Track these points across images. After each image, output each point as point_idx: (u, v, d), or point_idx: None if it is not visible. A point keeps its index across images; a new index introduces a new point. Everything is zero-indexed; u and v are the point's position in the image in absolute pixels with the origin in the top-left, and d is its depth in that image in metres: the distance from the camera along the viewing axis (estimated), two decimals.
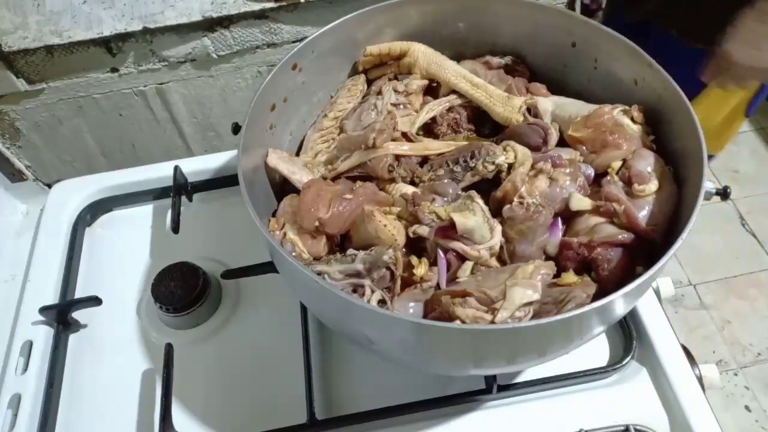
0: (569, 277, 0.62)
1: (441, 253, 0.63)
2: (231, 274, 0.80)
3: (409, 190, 0.70)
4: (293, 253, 0.66)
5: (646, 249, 0.63)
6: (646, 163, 0.66)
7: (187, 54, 1.23)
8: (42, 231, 0.91)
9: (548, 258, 0.65)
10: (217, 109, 1.36)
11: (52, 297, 0.83)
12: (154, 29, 1.16)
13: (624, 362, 0.73)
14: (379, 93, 0.79)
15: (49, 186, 0.98)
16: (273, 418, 0.71)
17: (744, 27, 0.84)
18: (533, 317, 0.57)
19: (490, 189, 0.68)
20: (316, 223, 0.66)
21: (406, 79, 0.80)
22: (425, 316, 0.60)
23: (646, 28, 1.09)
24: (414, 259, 0.63)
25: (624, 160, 0.68)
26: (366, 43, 0.81)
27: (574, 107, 0.75)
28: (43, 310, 0.80)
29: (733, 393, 1.59)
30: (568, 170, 0.67)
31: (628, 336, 0.75)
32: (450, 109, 0.78)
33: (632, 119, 0.70)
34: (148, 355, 0.79)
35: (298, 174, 0.72)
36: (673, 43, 1.03)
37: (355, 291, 0.61)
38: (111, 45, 1.19)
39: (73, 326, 0.82)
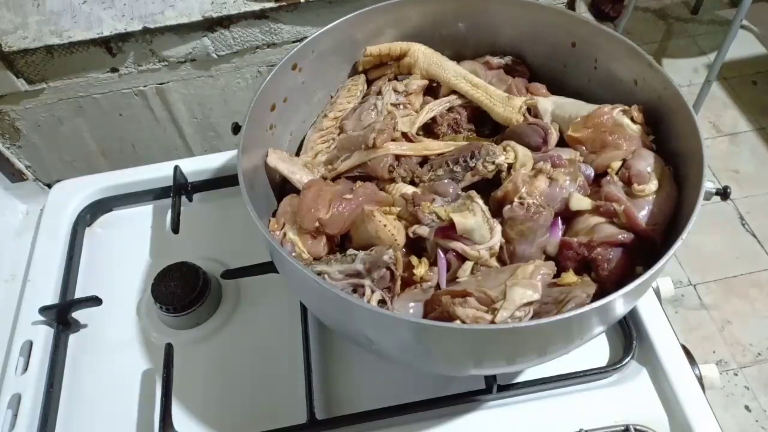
0: (569, 277, 0.62)
1: (441, 253, 0.63)
2: (231, 274, 0.80)
3: (409, 190, 0.70)
4: (293, 253, 0.66)
5: (646, 249, 0.63)
6: (646, 163, 0.66)
7: (187, 54, 1.23)
8: (42, 231, 0.91)
9: (548, 258, 0.65)
10: (217, 109, 1.36)
11: (52, 297, 0.83)
12: (154, 29, 1.17)
13: (624, 362, 0.73)
14: (379, 93, 0.79)
15: (49, 186, 0.98)
16: (273, 418, 0.71)
17: None
18: (533, 317, 0.57)
19: (490, 189, 0.68)
20: (316, 224, 0.66)
21: (406, 79, 0.80)
22: (425, 316, 0.60)
23: None
24: (414, 259, 0.63)
25: (624, 160, 0.68)
26: (366, 43, 0.81)
27: (574, 107, 0.75)
28: (43, 310, 0.80)
29: (733, 393, 1.59)
30: (567, 170, 0.67)
31: (628, 336, 0.75)
32: (450, 109, 0.78)
33: (632, 119, 0.70)
34: (148, 355, 0.79)
35: (298, 174, 0.72)
36: None
37: (355, 291, 0.61)
38: (111, 45, 1.19)
39: (73, 326, 0.82)
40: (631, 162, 0.67)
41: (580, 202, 0.66)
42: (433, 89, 0.82)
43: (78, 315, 0.82)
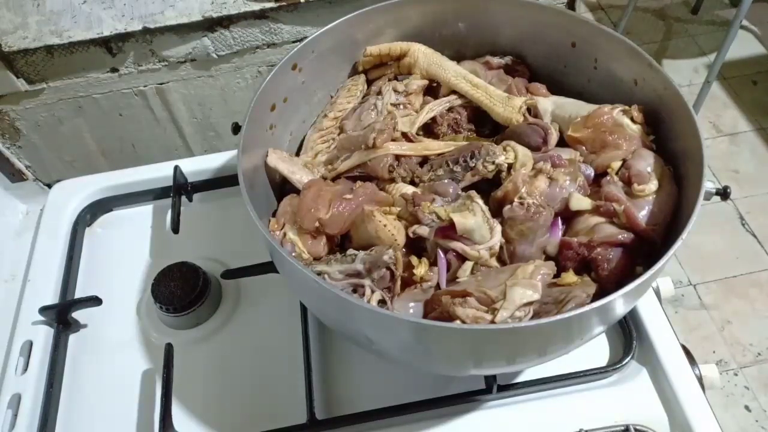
0: (569, 277, 0.62)
1: (441, 253, 0.63)
2: (231, 274, 0.80)
3: (409, 190, 0.70)
4: (293, 253, 0.66)
5: (646, 249, 0.63)
6: (646, 163, 0.66)
7: (187, 54, 1.23)
8: (42, 231, 0.91)
9: (548, 258, 0.65)
10: (217, 109, 1.36)
11: (52, 297, 0.83)
12: (154, 29, 1.16)
13: (624, 362, 0.73)
14: (379, 93, 0.79)
15: (49, 186, 0.98)
16: (273, 418, 0.71)
17: None
18: (533, 317, 0.57)
19: (490, 189, 0.68)
20: (316, 224, 0.66)
21: (406, 79, 0.80)
22: (425, 316, 0.60)
23: None
24: (414, 259, 0.63)
25: (624, 160, 0.68)
26: (366, 43, 0.81)
27: (574, 107, 0.75)
28: (43, 310, 0.80)
29: (733, 393, 1.59)
30: (567, 170, 0.67)
31: (628, 336, 0.75)
32: (450, 109, 0.78)
33: (632, 119, 0.70)
34: (148, 355, 0.79)
35: (298, 174, 0.72)
36: None
37: (355, 291, 0.61)
38: (111, 45, 1.19)
39: (73, 326, 0.82)
40: (631, 162, 0.67)
41: (580, 202, 0.66)
42: (433, 89, 0.82)
43: (78, 315, 0.82)
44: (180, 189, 0.90)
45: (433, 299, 0.60)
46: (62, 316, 0.81)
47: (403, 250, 0.64)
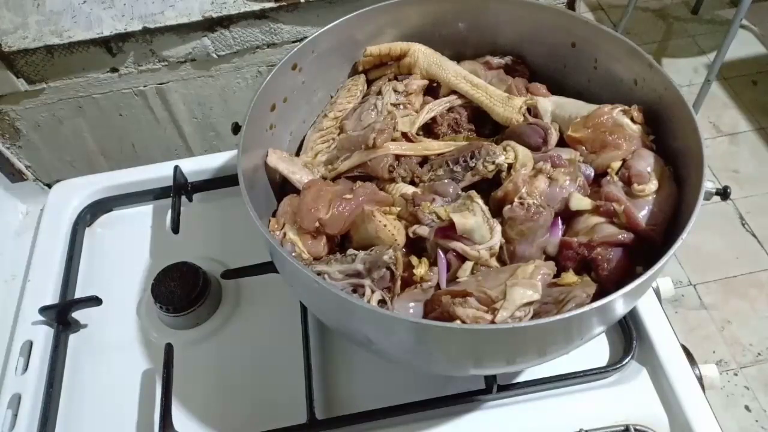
0: (569, 277, 0.62)
1: (441, 253, 0.63)
2: (231, 274, 0.80)
3: (409, 190, 0.70)
4: (293, 253, 0.66)
5: (646, 249, 0.63)
6: (646, 163, 0.66)
7: (187, 54, 1.23)
8: (42, 231, 0.91)
9: (548, 258, 0.65)
10: (217, 109, 1.36)
11: (52, 297, 0.83)
12: (154, 29, 1.16)
13: (624, 362, 0.73)
14: (379, 93, 0.79)
15: (49, 186, 0.98)
16: (273, 418, 0.71)
17: None
18: (533, 317, 0.57)
19: (490, 189, 0.68)
20: (316, 224, 0.66)
21: (406, 79, 0.80)
22: (425, 316, 0.60)
23: None
24: (414, 259, 0.63)
25: (624, 160, 0.68)
26: (366, 43, 0.81)
27: (574, 107, 0.75)
28: (43, 310, 0.80)
29: (733, 393, 1.59)
30: (567, 170, 0.67)
31: (628, 336, 0.75)
32: (450, 109, 0.78)
33: (632, 119, 0.70)
34: (148, 355, 0.79)
35: (298, 174, 0.72)
36: None
37: (355, 291, 0.61)
38: (111, 45, 1.19)
39: (73, 326, 0.82)
40: (631, 162, 0.67)
41: (580, 202, 0.66)
42: (433, 89, 0.82)
43: (78, 315, 0.82)
44: (180, 189, 0.90)
45: (433, 299, 0.60)
46: (62, 316, 0.80)
47: (403, 250, 0.64)
